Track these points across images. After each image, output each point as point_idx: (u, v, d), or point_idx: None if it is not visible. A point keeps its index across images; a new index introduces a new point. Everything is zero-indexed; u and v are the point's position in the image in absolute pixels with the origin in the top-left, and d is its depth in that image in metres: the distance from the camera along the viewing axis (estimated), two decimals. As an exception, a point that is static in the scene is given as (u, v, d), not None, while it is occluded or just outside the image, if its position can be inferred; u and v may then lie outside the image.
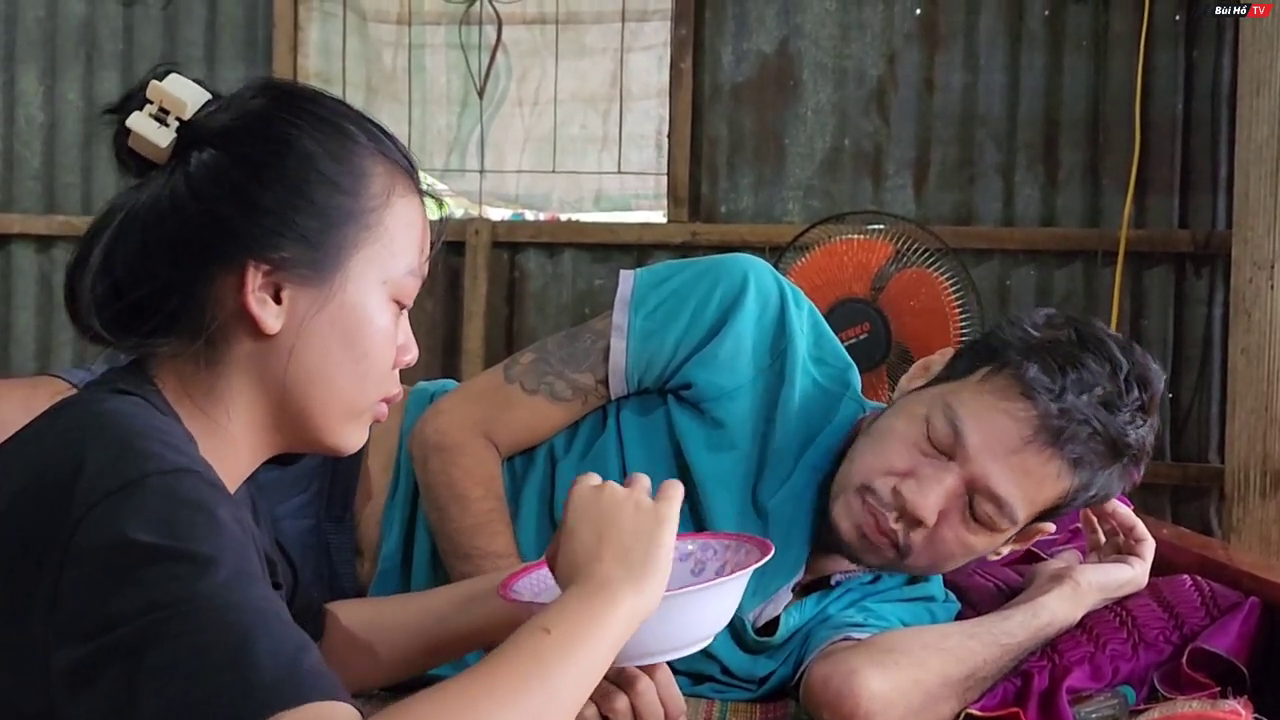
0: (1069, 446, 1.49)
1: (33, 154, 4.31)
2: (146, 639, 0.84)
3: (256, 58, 4.22)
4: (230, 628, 0.85)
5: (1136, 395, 1.51)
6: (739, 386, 1.68)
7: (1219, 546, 2.12)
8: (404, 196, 1.13)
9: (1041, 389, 1.49)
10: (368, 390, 1.12)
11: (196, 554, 0.88)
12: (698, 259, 1.76)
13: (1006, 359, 1.53)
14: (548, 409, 1.72)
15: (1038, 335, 1.54)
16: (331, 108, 1.11)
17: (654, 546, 1.08)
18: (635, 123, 4.11)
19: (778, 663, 1.65)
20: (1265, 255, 3.28)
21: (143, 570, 0.87)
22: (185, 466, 0.95)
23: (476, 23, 4.14)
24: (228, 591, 0.87)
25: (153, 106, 1.07)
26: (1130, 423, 1.51)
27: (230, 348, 1.08)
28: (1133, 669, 1.56)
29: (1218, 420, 3.82)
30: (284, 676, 0.83)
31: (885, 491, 1.55)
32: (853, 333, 3.30)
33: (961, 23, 3.97)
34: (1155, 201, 3.89)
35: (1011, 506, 1.52)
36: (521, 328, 4.13)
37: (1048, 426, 1.48)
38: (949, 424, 1.52)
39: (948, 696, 1.48)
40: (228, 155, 1.06)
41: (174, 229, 1.05)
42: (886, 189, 4.00)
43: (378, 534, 1.78)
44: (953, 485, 1.52)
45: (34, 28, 4.30)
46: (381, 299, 1.11)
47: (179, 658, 0.83)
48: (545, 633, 0.95)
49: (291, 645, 0.86)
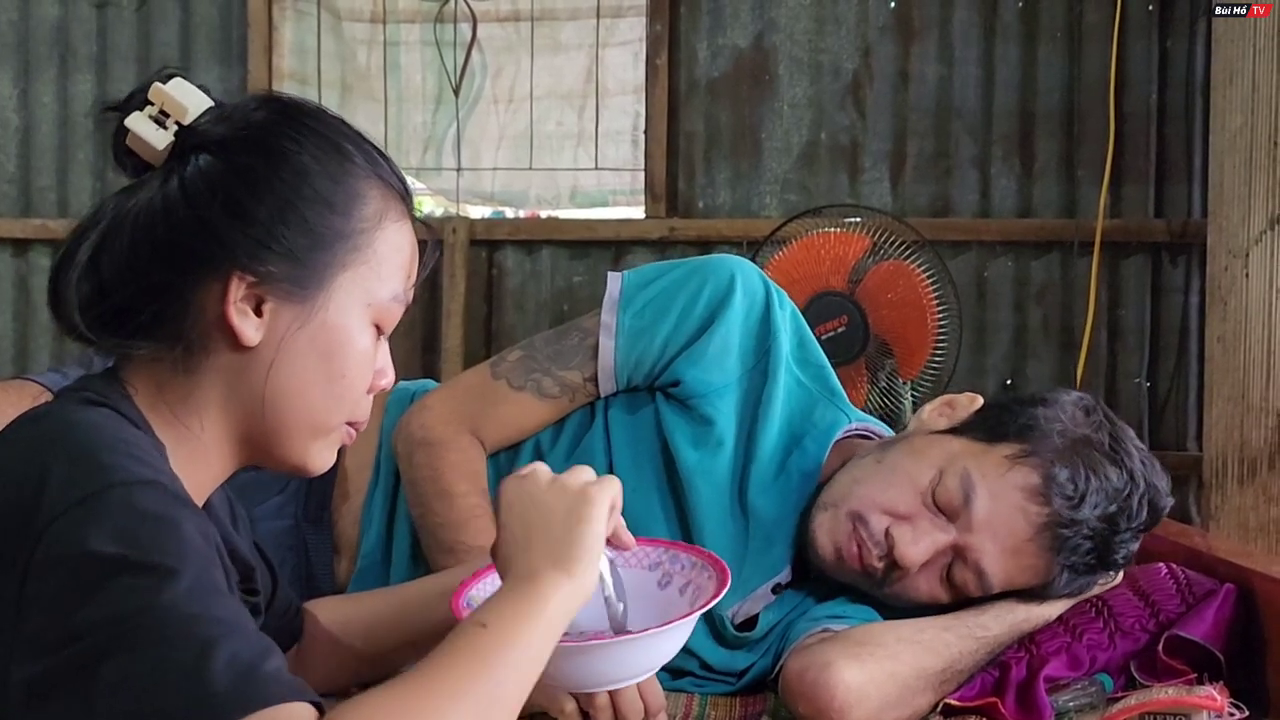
0: (1064, 554, 1.51)
1: (8, 158, 4.30)
2: (105, 651, 0.84)
3: (231, 59, 4.20)
4: (189, 638, 0.85)
5: (1143, 520, 1.54)
6: (726, 384, 1.69)
7: (1196, 534, 2.13)
8: (396, 222, 1.12)
9: (1061, 496, 1.50)
10: (339, 410, 1.12)
11: (158, 565, 0.88)
12: (685, 260, 1.78)
13: (1038, 449, 1.53)
14: (534, 406, 1.72)
15: (1075, 432, 1.54)
16: (333, 126, 1.11)
17: (578, 526, 1.06)
18: (611, 119, 4.11)
19: (757, 656, 1.65)
20: (1240, 244, 3.29)
21: (104, 583, 0.87)
22: (149, 479, 0.95)
23: (451, 20, 4.14)
24: (189, 603, 0.87)
25: (153, 108, 1.07)
26: (1125, 542, 1.53)
27: (208, 357, 1.08)
28: (1110, 657, 1.57)
29: (1195, 408, 3.84)
30: (241, 683, 0.83)
31: (878, 529, 1.55)
32: (830, 326, 3.30)
33: (936, 15, 3.98)
34: (1131, 191, 3.91)
35: (991, 584, 1.54)
36: (500, 326, 4.13)
37: (1054, 533, 1.50)
38: (962, 490, 1.53)
39: (924, 689, 1.49)
40: (224, 163, 1.05)
41: (163, 231, 1.04)
42: (863, 182, 4.01)
43: (356, 533, 1.78)
44: (944, 544, 1.54)
45: (7, 31, 4.28)
46: (363, 321, 1.11)
47: (137, 669, 0.83)
48: (482, 628, 0.96)
49: (251, 652, 0.86)
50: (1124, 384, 3.96)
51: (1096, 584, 1.59)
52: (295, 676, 0.87)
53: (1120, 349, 3.96)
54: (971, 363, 3.92)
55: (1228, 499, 3.34)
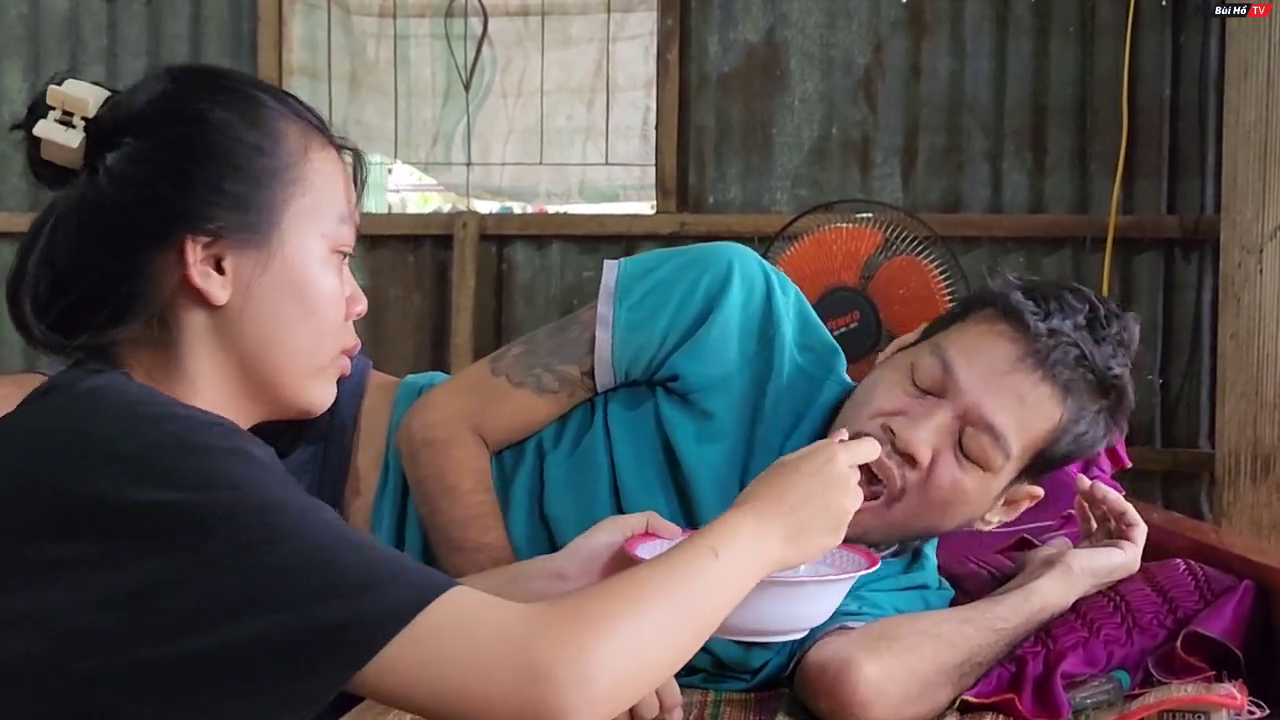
0: (1058, 369, 1.51)
1: (17, 151, 4.28)
2: (267, 587, 0.90)
3: (241, 52, 4.20)
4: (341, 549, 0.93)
5: (1115, 329, 1.56)
6: (727, 375, 1.67)
7: (1210, 530, 2.12)
8: (320, 150, 1.14)
9: (1028, 311, 1.52)
10: (325, 344, 1.14)
11: (263, 501, 0.93)
12: (683, 249, 1.75)
13: (989, 298, 1.57)
14: (535, 401, 1.71)
15: (1017, 281, 1.58)
16: (236, 77, 1.14)
17: (828, 519, 1.18)
18: (622, 114, 4.10)
19: (772, 653, 1.64)
20: (1254, 240, 3.28)
21: (218, 534, 0.91)
22: (204, 419, 0.99)
23: (461, 15, 4.13)
24: (309, 523, 0.94)
25: (56, 112, 1.09)
26: (1113, 355, 1.55)
27: (184, 325, 1.08)
28: (1127, 654, 1.56)
29: (1208, 405, 3.82)
30: (419, 573, 0.94)
31: (876, 430, 1.52)
32: (842, 321, 3.29)
33: (948, 10, 3.96)
34: (1143, 187, 3.89)
35: (1005, 436, 1.52)
36: (510, 321, 4.12)
37: (1036, 348, 1.51)
38: (937, 360, 1.54)
39: (943, 683, 1.48)
40: (147, 140, 1.07)
41: (106, 218, 1.06)
42: (874, 177, 4.00)
43: (367, 529, 1.77)
44: (944, 421, 1.52)
45: (17, 23, 4.28)
46: (322, 252, 1.12)
47: (310, 582, 0.90)
48: (713, 554, 1.05)
49: (390, 554, 0.96)
50: (1136, 381, 3.84)
51: (1118, 428, 1.62)
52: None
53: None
54: (983, 359, 3.90)
55: (1240, 496, 3.33)
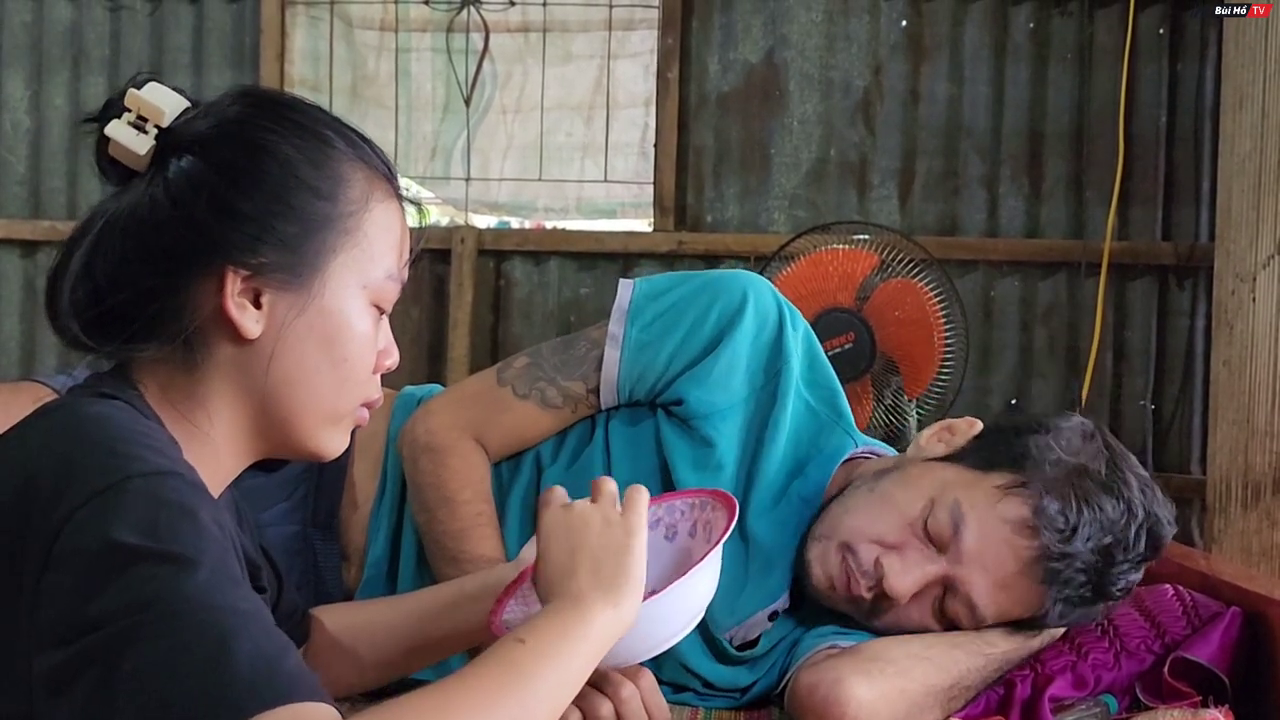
0: (1057, 587, 1.49)
1: (18, 159, 4.30)
2: (125, 640, 0.84)
3: (244, 64, 4.21)
4: (210, 628, 0.85)
5: (1141, 551, 1.50)
6: (731, 405, 1.68)
7: (1200, 556, 2.13)
8: (382, 202, 1.13)
9: (1051, 530, 1.47)
10: (348, 394, 1.13)
11: (178, 555, 0.88)
12: (698, 273, 1.75)
13: (1029, 479, 1.50)
14: (537, 415, 1.71)
15: (1070, 462, 1.51)
16: (310, 114, 1.12)
17: (625, 559, 1.10)
18: (621, 131, 4.12)
19: (760, 673, 1.64)
20: (1247, 268, 3.29)
21: (123, 572, 0.87)
22: (168, 469, 0.95)
23: (462, 29, 4.15)
24: (208, 593, 0.87)
25: (131, 114, 1.07)
26: (1124, 573, 1.50)
27: (211, 353, 1.08)
28: (1115, 678, 1.57)
29: (1199, 432, 3.83)
30: (263, 678, 0.83)
31: (867, 559, 1.54)
32: (837, 342, 3.30)
33: (947, 35, 3.98)
34: (1138, 214, 3.91)
35: (983, 616, 1.52)
36: (507, 336, 4.13)
37: (1045, 566, 1.48)
38: (951, 522, 1.51)
39: (932, 706, 1.48)
40: (207, 162, 1.06)
41: (153, 235, 1.05)
42: (872, 199, 4.01)
43: (364, 540, 1.77)
44: (933, 575, 1.52)
45: (20, 32, 4.29)
46: (361, 304, 1.11)
47: (157, 659, 0.83)
48: (521, 643, 0.98)
49: (272, 647, 0.86)
50: (1129, 406, 3.95)
51: (1102, 613, 1.56)
52: (314, 674, 0.87)
53: (1125, 371, 3.96)
54: (977, 382, 3.92)
55: (1231, 523, 3.34)
